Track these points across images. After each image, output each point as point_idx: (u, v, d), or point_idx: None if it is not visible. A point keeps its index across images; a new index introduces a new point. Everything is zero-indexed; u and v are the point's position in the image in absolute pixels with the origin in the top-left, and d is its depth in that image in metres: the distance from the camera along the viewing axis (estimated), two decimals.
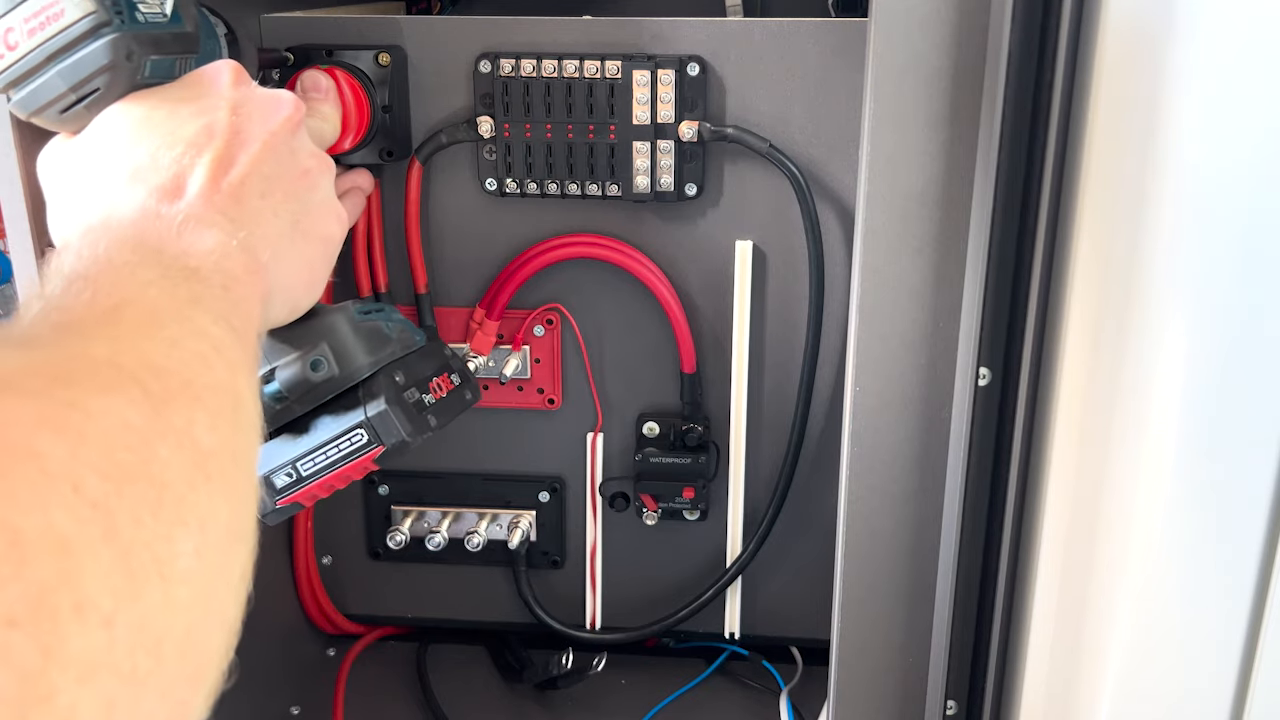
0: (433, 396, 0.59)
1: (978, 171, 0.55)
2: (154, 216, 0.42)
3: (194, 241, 0.42)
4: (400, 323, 0.60)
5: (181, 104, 0.47)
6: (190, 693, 0.28)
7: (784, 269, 0.76)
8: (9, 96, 0.47)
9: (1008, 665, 0.61)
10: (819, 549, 0.83)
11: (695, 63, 0.71)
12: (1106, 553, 0.51)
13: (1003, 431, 0.57)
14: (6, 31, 0.45)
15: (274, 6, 0.75)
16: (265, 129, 0.48)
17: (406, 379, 0.57)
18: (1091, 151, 0.50)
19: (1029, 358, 0.55)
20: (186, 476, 0.30)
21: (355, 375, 0.55)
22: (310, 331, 0.53)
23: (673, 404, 0.81)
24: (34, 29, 0.44)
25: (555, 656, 0.85)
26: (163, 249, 0.41)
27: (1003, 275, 0.54)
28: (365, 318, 0.57)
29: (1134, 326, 0.48)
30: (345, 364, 0.54)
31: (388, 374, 0.56)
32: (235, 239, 0.43)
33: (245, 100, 0.48)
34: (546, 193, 0.74)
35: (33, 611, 0.23)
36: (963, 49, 0.53)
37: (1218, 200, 0.44)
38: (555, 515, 0.85)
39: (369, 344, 0.56)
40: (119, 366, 0.30)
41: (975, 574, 0.60)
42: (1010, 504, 0.57)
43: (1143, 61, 0.46)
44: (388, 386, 0.55)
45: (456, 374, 0.63)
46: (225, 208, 0.44)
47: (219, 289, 0.40)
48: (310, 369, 0.53)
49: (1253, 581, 0.47)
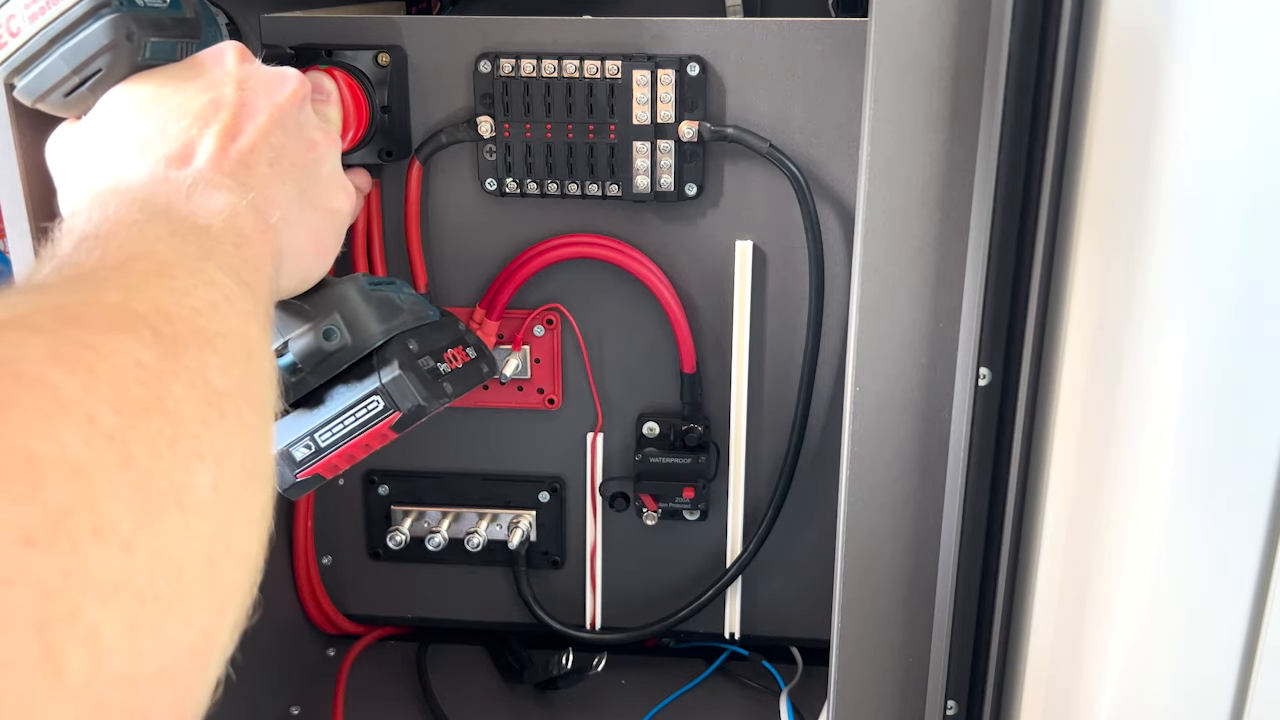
0: (448, 366, 0.59)
1: (978, 171, 0.55)
2: (163, 180, 0.43)
3: (203, 202, 0.42)
4: (412, 295, 0.60)
5: (187, 81, 0.48)
6: (214, 622, 0.28)
7: (784, 269, 0.76)
8: (14, 84, 0.47)
9: (1008, 665, 0.61)
10: (819, 549, 0.83)
11: (695, 63, 0.71)
12: (1106, 553, 0.51)
13: (1003, 431, 0.57)
14: (8, 19, 0.46)
15: (274, 6, 0.74)
16: (271, 101, 0.49)
17: (420, 347, 0.57)
18: (1091, 151, 0.50)
19: (1029, 358, 0.54)
20: (200, 414, 0.30)
21: (368, 343, 0.55)
22: (322, 301, 0.54)
23: (673, 404, 0.81)
24: (34, 14, 0.45)
25: (555, 656, 0.85)
26: (171, 209, 0.41)
27: (1003, 275, 0.54)
28: (376, 289, 0.57)
29: (1134, 326, 0.48)
30: (358, 332, 0.54)
31: (400, 342, 0.56)
32: (244, 199, 0.44)
33: (250, 75, 0.49)
34: (546, 193, 0.74)
35: (51, 532, 0.23)
36: (963, 49, 0.53)
37: (1218, 200, 0.44)
38: (555, 515, 0.85)
39: (381, 312, 0.56)
40: (130, 310, 0.31)
41: (975, 574, 0.60)
42: (1010, 504, 0.57)
43: (1142, 61, 0.46)
44: (401, 352, 0.55)
45: (471, 347, 0.63)
46: (234, 172, 0.45)
47: (229, 246, 0.41)
48: (323, 338, 0.53)
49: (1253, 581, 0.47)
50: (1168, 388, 0.47)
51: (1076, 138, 0.51)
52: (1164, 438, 0.47)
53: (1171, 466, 0.47)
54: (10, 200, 0.54)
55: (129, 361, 0.28)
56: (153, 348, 0.30)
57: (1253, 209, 0.44)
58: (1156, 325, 0.47)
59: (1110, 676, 0.51)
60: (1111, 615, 0.51)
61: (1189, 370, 0.46)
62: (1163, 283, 0.46)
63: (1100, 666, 0.52)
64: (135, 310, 0.31)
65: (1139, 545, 0.49)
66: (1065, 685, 0.55)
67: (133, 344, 0.29)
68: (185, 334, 0.32)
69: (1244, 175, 0.43)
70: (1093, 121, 0.49)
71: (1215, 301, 0.45)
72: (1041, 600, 0.57)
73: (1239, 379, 0.45)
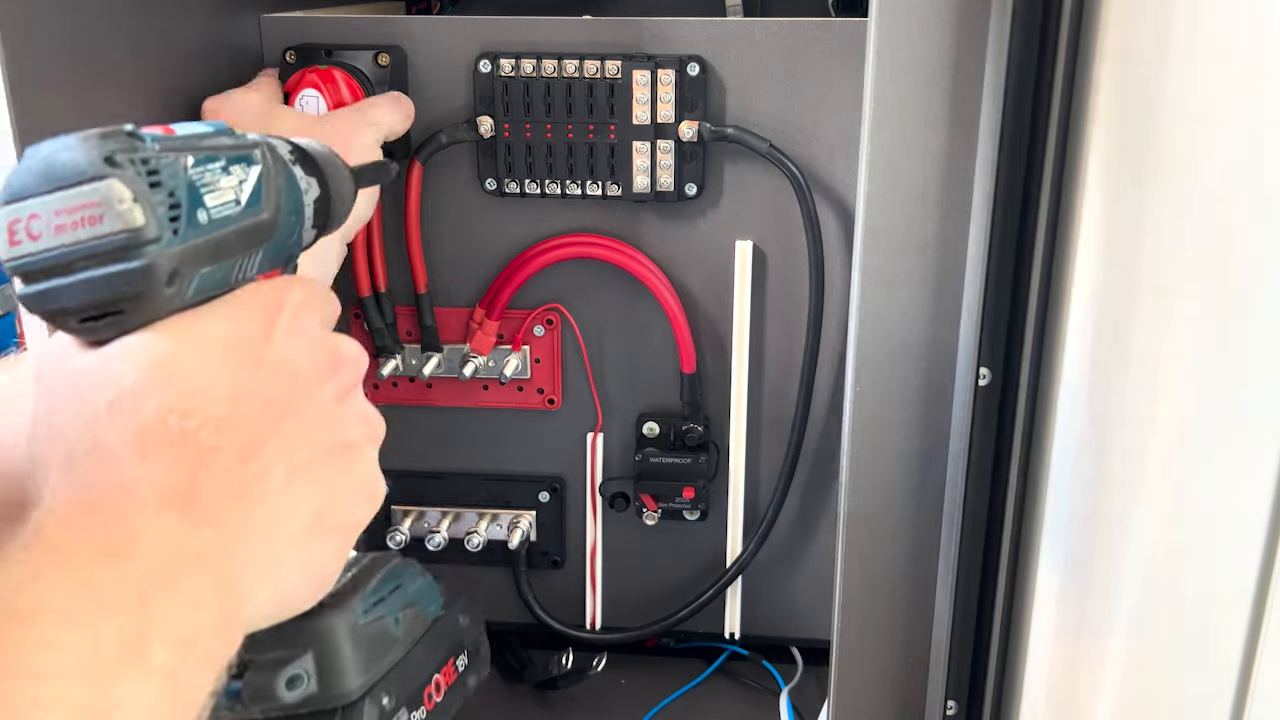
0: (425, 709, 0.51)
1: (978, 171, 0.55)
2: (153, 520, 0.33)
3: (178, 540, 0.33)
4: (413, 603, 0.50)
5: (213, 349, 0.37)
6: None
7: (784, 269, 0.76)
8: (15, 282, 0.38)
9: (1008, 665, 0.61)
10: (819, 549, 0.83)
11: (695, 63, 0.71)
12: (1106, 553, 0.51)
13: (1003, 431, 0.57)
14: (30, 217, 0.36)
15: (274, 6, 0.75)
16: (310, 399, 0.39)
17: (397, 698, 0.48)
18: (1091, 151, 0.50)
19: (1029, 358, 0.54)
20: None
21: (338, 699, 0.45)
22: (297, 634, 0.44)
23: (673, 404, 0.81)
24: (63, 226, 0.36)
25: (555, 656, 0.85)
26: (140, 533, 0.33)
27: (1003, 275, 0.54)
28: (371, 616, 0.47)
29: (1134, 326, 0.48)
30: (329, 685, 0.45)
31: (375, 698, 0.46)
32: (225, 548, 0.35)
33: (295, 356, 0.39)
34: (546, 193, 0.74)
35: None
36: (963, 49, 0.53)
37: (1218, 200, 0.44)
38: (555, 515, 0.85)
39: (366, 656, 0.46)
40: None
41: (975, 574, 0.59)
42: (1010, 504, 0.57)
43: (1142, 61, 0.46)
44: (372, 713, 0.46)
45: (465, 652, 0.54)
46: (231, 499, 0.35)
47: (188, 604, 0.33)
48: (284, 685, 0.43)
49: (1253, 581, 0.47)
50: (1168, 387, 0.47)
51: (1076, 138, 0.51)
52: (1164, 437, 0.47)
53: (1171, 466, 0.47)
54: None
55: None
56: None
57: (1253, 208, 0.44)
58: (1156, 324, 0.47)
59: (1110, 677, 0.51)
60: (1111, 615, 0.51)
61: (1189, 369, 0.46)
62: (1162, 282, 0.46)
63: (1100, 667, 0.52)
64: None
65: (1138, 545, 0.49)
66: (1065, 685, 0.55)
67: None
68: None
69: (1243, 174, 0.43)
70: (1092, 121, 0.49)
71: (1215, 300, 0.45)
72: (1041, 600, 0.57)
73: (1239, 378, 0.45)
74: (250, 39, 0.73)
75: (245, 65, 0.73)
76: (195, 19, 0.67)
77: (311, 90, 0.69)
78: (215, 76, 0.69)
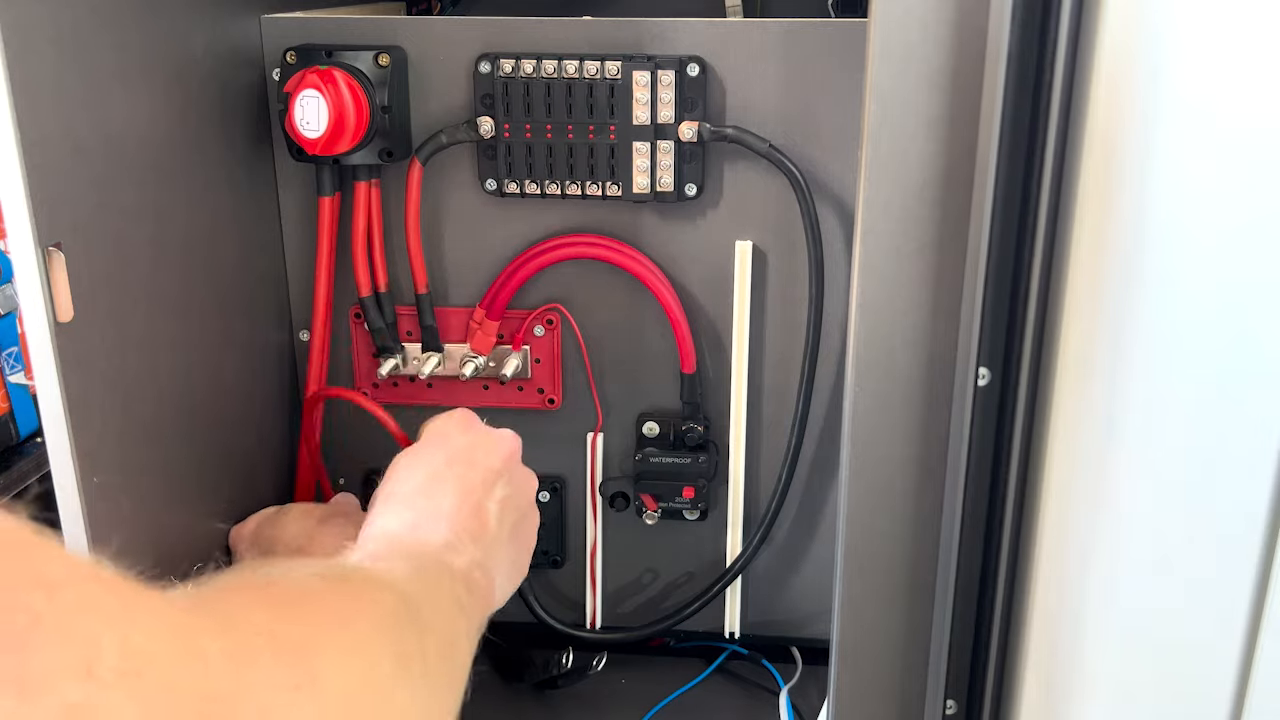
0: None
1: (978, 171, 0.55)
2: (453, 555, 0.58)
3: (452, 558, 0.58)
4: None
5: (458, 455, 0.64)
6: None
7: (784, 269, 0.76)
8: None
9: (1008, 665, 0.61)
10: (819, 549, 0.83)
11: (695, 63, 0.71)
12: (1106, 553, 0.51)
13: (1002, 431, 0.57)
14: None
15: (274, 6, 0.75)
16: (510, 472, 0.65)
17: None
18: (1091, 151, 0.50)
19: (1029, 358, 0.55)
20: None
21: None
22: None
23: (673, 404, 0.81)
24: None
25: (555, 656, 0.85)
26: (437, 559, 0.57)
27: (1002, 275, 0.54)
28: None
29: (1134, 326, 0.48)
30: None
31: None
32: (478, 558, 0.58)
33: (483, 447, 0.66)
34: (546, 193, 0.74)
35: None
36: (963, 49, 0.53)
37: (1217, 200, 0.44)
38: (555, 515, 0.85)
39: None
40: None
41: (975, 574, 0.60)
42: (1010, 504, 0.57)
43: (1142, 61, 0.46)
44: None
45: None
46: (475, 535, 0.60)
47: (463, 589, 0.57)
48: None
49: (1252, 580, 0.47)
50: (1168, 387, 0.47)
51: (1076, 138, 0.51)
52: (1163, 437, 0.47)
53: (1170, 465, 0.47)
54: (10, 200, 0.54)
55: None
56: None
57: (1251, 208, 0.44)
58: (1156, 324, 0.47)
59: (1109, 677, 0.51)
60: (1111, 615, 0.51)
61: (1189, 369, 0.46)
62: (1162, 281, 0.46)
63: (1100, 667, 0.52)
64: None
65: (1138, 545, 0.49)
66: (1065, 685, 0.55)
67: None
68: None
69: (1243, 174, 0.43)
70: (1092, 121, 0.49)
71: (1215, 300, 0.45)
72: (1041, 600, 0.57)
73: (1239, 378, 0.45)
74: (250, 39, 0.73)
75: (245, 65, 0.73)
76: (195, 19, 0.67)
77: (312, 90, 0.69)
78: (216, 77, 0.69)
